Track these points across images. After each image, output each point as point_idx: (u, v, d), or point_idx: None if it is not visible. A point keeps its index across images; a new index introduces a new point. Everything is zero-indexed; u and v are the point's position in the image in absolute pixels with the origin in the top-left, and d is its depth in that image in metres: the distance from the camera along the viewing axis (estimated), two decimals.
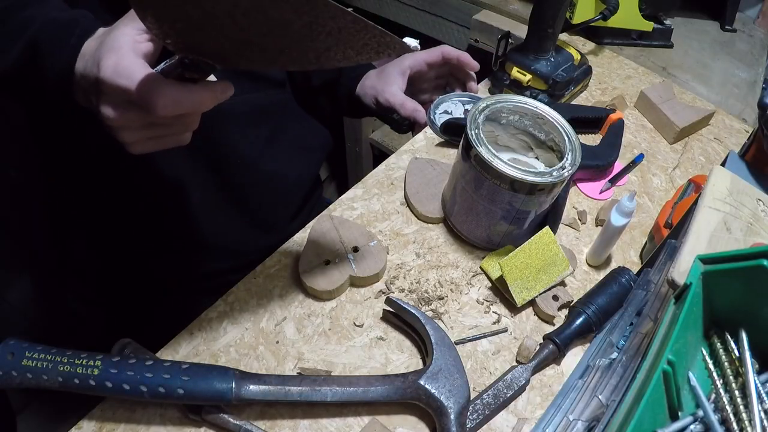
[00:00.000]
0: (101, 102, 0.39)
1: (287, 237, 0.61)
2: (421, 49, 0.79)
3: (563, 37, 0.98)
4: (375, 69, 0.79)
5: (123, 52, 0.38)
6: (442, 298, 0.57)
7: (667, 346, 0.36)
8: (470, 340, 0.54)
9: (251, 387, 0.43)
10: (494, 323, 0.55)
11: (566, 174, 0.52)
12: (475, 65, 0.74)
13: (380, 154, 1.54)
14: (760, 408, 0.35)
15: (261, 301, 0.55)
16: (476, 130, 0.54)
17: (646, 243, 0.65)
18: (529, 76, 0.77)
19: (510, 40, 0.84)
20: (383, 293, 0.56)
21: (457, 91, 0.79)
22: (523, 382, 0.49)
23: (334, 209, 0.64)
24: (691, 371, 0.39)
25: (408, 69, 0.75)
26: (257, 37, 0.37)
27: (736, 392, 0.36)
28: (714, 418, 0.35)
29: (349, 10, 0.34)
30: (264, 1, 0.34)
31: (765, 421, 0.34)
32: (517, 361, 0.53)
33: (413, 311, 0.51)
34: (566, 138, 0.55)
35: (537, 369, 0.51)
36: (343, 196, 0.65)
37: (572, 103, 0.83)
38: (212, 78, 0.41)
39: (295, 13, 0.35)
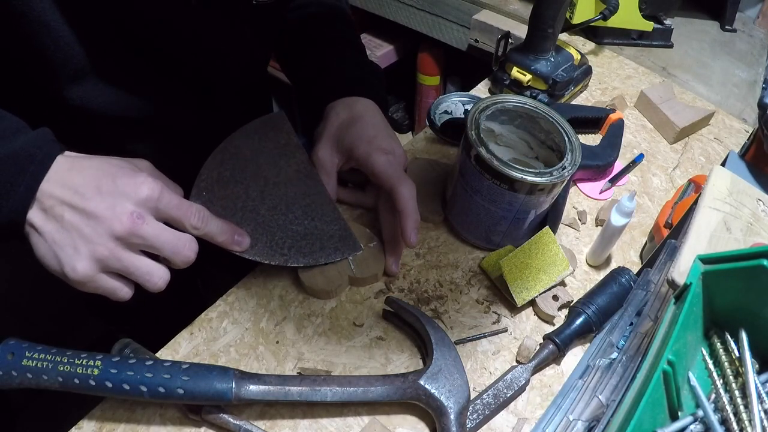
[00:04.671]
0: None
1: None
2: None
3: (563, 37, 0.98)
4: (349, 107, 0.61)
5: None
6: (442, 298, 0.57)
7: (667, 346, 0.36)
8: (470, 340, 0.54)
9: (251, 387, 0.43)
10: (494, 323, 0.55)
11: (566, 174, 0.52)
12: (410, 238, 0.53)
13: None
14: (760, 408, 0.35)
15: (261, 301, 0.55)
16: (476, 130, 0.54)
17: (646, 243, 0.65)
18: (529, 76, 0.77)
19: (510, 40, 0.85)
20: (383, 293, 0.56)
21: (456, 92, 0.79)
22: (523, 382, 0.49)
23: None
24: (691, 371, 0.39)
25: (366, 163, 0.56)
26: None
27: (736, 392, 0.36)
28: (714, 418, 0.35)
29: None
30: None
31: (765, 421, 0.34)
32: (517, 361, 0.53)
33: (413, 311, 0.51)
34: (566, 138, 0.55)
35: (537, 369, 0.51)
36: None
37: (572, 103, 0.83)
38: None
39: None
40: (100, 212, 0.40)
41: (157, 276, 0.44)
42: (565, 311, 0.56)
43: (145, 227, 0.42)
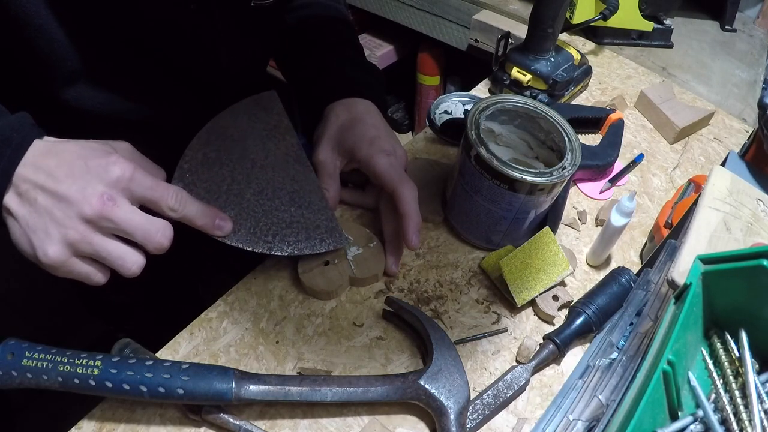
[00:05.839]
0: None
1: None
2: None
3: (563, 37, 0.98)
4: (347, 108, 0.61)
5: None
6: (442, 298, 0.57)
7: (667, 346, 0.36)
8: (470, 340, 0.54)
9: (251, 387, 0.43)
10: (494, 323, 0.55)
11: (566, 174, 0.52)
12: (412, 240, 0.54)
13: None
14: (760, 408, 0.35)
15: (261, 301, 0.55)
16: (476, 130, 0.54)
17: (646, 243, 0.65)
18: (529, 76, 0.77)
19: (510, 40, 0.84)
20: (383, 293, 0.56)
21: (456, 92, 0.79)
22: (523, 382, 0.49)
23: (334, 209, 0.64)
24: (691, 371, 0.39)
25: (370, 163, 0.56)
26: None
27: (736, 392, 0.36)
28: (714, 418, 0.35)
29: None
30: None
31: (765, 421, 0.34)
32: (517, 361, 0.53)
33: (413, 311, 0.51)
34: (566, 138, 0.55)
35: (537, 369, 0.51)
36: None
37: (572, 103, 0.83)
38: None
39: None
40: (71, 195, 0.39)
41: (130, 261, 0.42)
42: (565, 311, 0.56)
43: (116, 210, 0.40)
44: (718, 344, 0.40)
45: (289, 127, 0.57)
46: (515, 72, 0.78)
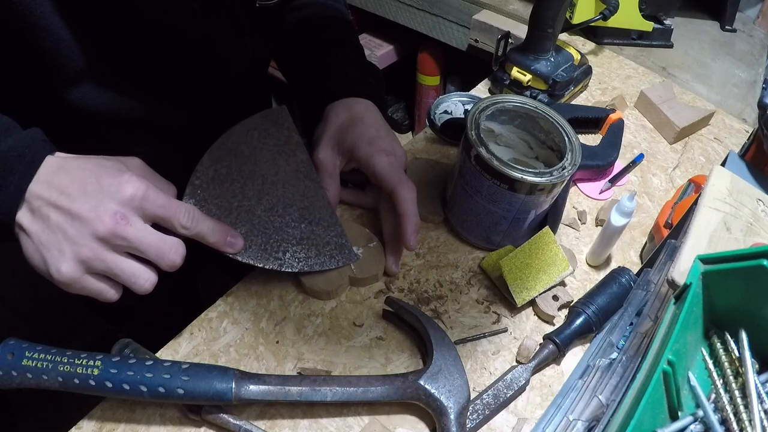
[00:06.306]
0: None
1: None
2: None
3: (563, 37, 0.98)
4: (347, 108, 0.61)
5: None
6: (442, 298, 0.57)
7: (667, 346, 0.36)
8: (470, 340, 0.54)
9: (251, 387, 0.43)
10: (494, 323, 0.55)
11: (566, 174, 0.52)
12: (410, 241, 0.54)
13: None
14: (760, 408, 0.35)
15: (261, 301, 0.55)
16: (476, 130, 0.54)
17: (646, 243, 0.65)
18: (529, 76, 0.77)
19: (510, 40, 0.84)
20: (383, 293, 0.56)
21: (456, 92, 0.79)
22: (523, 382, 0.49)
23: (334, 208, 0.63)
24: (691, 371, 0.39)
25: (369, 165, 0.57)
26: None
27: (736, 392, 0.36)
28: (714, 418, 0.35)
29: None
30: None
31: (765, 421, 0.34)
32: (517, 361, 0.53)
33: (413, 311, 0.51)
34: (566, 138, 0.55)
35: (537, 369, 0.51)
36: None
37: (572, 103, 0.83)
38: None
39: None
40: (84, 213, 0.40)
41: (143, 278, 0.43)
42: (565, 311, 0.56)
43: (129, 228, 0.41)
44: (718, 344, 0.40)
45: (300, 143, 0.57)
46: (515, 72, 0.78)
